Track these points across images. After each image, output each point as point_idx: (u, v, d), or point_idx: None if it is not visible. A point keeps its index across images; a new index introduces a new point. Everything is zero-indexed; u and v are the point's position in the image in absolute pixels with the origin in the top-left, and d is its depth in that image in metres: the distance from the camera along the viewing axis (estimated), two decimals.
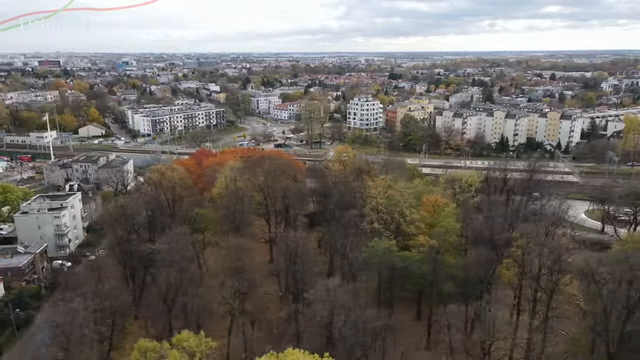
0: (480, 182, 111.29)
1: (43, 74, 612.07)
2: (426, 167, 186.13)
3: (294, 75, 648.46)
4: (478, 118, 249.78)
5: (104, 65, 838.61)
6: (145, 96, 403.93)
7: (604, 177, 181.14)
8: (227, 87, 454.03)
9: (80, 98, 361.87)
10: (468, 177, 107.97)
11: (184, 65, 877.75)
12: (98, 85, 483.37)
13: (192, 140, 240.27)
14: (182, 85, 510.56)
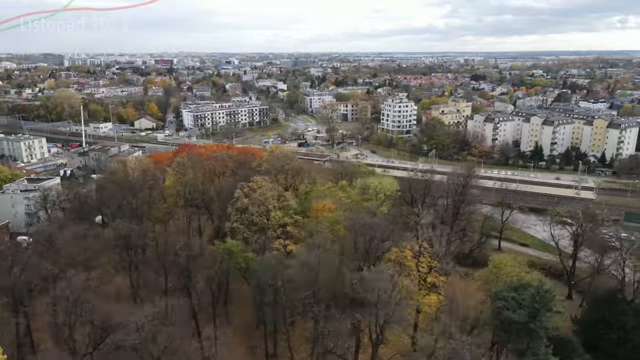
0: (397, 191, 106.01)
1: (148, 72, 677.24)
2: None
3: (373, 75, 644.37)
4: (514, 124, 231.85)
5: (209, 64, 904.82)
6: (218, 93, 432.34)
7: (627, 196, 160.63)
8: (293, 86, 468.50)
9: (157, 93, 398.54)
10: (385, 184, 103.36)
11: (280, 64, 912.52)
12: (185, 82, 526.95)
13: (223, 136, 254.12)
14: (258, 83, 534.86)
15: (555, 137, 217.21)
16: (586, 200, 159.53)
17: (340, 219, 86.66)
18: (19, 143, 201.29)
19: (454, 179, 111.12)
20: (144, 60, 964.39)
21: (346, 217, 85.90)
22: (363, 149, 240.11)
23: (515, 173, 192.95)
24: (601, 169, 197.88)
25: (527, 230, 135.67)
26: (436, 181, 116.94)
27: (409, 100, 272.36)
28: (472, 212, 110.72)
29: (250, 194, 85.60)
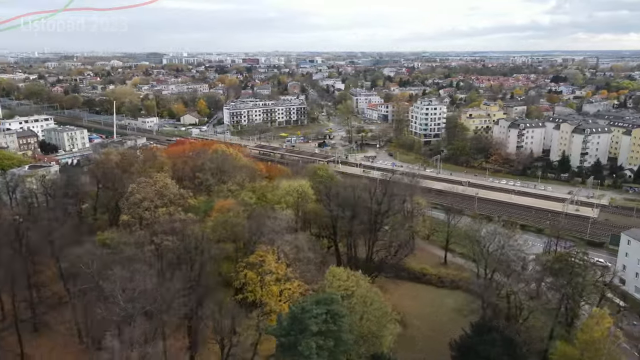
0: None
1: (227, 70, 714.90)
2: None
3: (447, 75, 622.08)
4: (543, 131, 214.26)
5: (293, 63, 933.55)
6: (279, 90, 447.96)
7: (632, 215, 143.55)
8: (351, 85, 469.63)
9: (217, 91, 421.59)
10: (296, 186, 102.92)
11: (361, 63, 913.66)
12: (254, 81, 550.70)
13: (250, 133, 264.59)
14: (323, 82, 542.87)
15: (586, 147, 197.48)
16: (583, 217, 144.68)
17: (231, 218, 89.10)
18: (62, 134, 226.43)
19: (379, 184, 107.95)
20: (233, 60, 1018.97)
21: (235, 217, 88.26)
22: (383, 152, 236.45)
23: (517, 183, 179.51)
24: (630, 185, 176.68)
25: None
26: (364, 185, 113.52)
27: (440, 103, 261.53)
28: (397, 220, 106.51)
29: (144, 189, 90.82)
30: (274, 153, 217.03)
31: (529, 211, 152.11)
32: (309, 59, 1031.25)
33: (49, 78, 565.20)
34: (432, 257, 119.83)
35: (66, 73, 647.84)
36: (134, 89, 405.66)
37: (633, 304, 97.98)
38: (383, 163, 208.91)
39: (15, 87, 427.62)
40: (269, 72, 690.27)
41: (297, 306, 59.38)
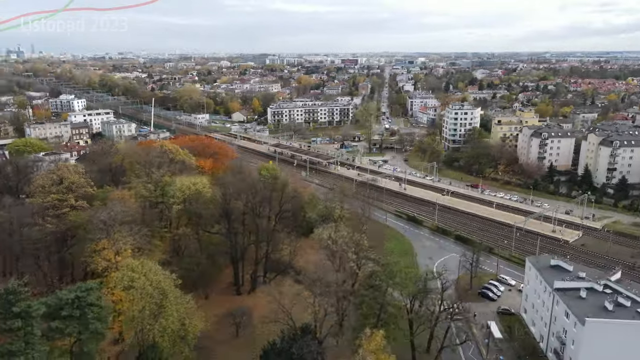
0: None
1: (314, 71, 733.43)
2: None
3: (543, 78, 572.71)
4: (571, 142, 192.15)
5: (393, 64, 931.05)
6: (349, 90, 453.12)
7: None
8: (422, 88, 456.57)
9: (285, 91, 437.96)
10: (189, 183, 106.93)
11: (461, 65, 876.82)
12: (330, 81, 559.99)
13: (284, 132, 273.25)
14: (399, 84, 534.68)
15: (614, 162, 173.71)
16: (554, 239, 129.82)
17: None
18: (112, 126, 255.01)
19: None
20: (333, 60, 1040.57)
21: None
22: (401, 156, 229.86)
23: (513, 197, 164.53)
24: None
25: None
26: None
27: (473, 107, 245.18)
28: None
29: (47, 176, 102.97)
30: (285, 152, 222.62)
31: (489, 225, 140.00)
32: (409, 60, 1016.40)
33: (154, 77, 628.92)
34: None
35: (173, 72, 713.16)
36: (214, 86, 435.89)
37: (526, 339, 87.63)
38: (388, 168, 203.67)
39: (116, 84, 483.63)
40: (359, 73, 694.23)
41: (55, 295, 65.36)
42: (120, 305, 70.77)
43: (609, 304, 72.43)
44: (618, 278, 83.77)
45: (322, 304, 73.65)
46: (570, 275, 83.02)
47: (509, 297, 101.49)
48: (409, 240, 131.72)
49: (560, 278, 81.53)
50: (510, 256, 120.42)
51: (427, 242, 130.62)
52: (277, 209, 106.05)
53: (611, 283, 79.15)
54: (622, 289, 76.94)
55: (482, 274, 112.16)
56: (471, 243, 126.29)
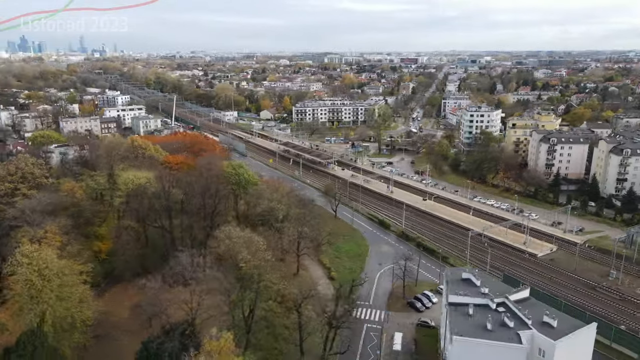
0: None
1: (369, 70, 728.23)
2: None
3: (609, 79, 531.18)
4: (584, 149, 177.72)
5: (457, 63, 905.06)
6: (391, 90, 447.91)
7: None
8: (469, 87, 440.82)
9: (322, 90, 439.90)
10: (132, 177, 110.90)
11: (529, 64, 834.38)
12: (375, 80, 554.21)
13: (304, 131, 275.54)
14: (448, 85, 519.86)
15: (625, 172, 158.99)
16: (519, 250, 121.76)
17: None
18: (139, 121, 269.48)
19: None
20: (391, 59, 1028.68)
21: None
22: (409, 159, 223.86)
23: (504, 205, 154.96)
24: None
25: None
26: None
27: (490, 110, 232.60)
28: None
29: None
30: (291, 151, 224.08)
31: (457, 232, 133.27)
32: (472, 60, 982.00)
33: (209, 74, 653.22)
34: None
35: (230, 71, 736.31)
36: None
37: (429, 353, 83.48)
38: (387, 170, 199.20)
39: (167, 82, 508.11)
40: (413, 72, 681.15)
41: None
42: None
43: (489, 323, 67.50)
44: (526, 296, 77.16)
45: (199, 301, 74.57)
46: (473, 290, 77.89)
47: (437, 310, 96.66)
48: (367, 244, 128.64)
49: (461, 292, 76.82)
50: (463, 266, 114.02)
51: (385, 247, 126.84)
52: (212, 206, 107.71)
53: (508, 301, 73.39)
54: (516, 308, 71.24)
55: (425, 283, 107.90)
56: (430, 251, 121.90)
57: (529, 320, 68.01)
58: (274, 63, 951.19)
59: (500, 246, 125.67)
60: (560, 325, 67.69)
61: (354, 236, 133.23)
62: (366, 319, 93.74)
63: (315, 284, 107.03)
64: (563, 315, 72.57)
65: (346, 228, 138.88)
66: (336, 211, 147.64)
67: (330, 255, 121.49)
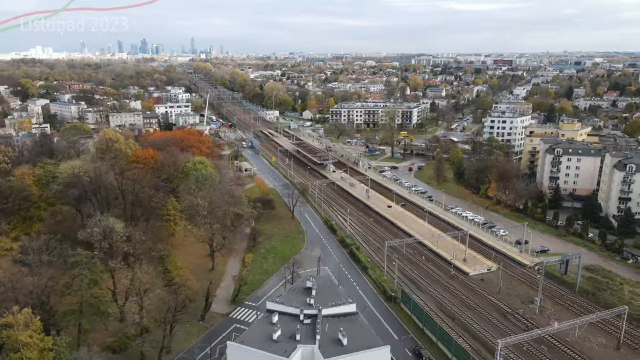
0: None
1: (453, 72, 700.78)
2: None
3: None
4: (594, 162, 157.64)
5: (560, 65, 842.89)
6: (455, 92, 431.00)
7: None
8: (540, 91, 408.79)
9: (382, 91, 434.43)
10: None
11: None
12: (445, 82, 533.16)
13: (332, 132, 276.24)
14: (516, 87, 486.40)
15: (629, 190, 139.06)
16: (452, 270, 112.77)
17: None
18: (179, 117, 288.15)
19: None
20: (484, 61, 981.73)
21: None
22: (418, 164, 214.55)
23: (478, 217, 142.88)
24: (634, 253, 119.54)
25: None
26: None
27: (514, 116, 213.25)
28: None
29: None
30: (299, 151, 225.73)
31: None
32: (577, 61, 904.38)
33: (286, 74, 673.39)
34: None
35: (309, 72, 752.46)
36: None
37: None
38: (388, 175, 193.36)
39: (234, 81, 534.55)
40: (496, 74, 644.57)
41: None
42: None
43: (275, 333, 65.02)
44: (352, 311, 72.28)
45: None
46: (301, 299, 74.85)
47: None
48: (303, 247, 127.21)
49: (278, 300, 74.66)
50: (379, 277, 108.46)
51: (316, 252, 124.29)
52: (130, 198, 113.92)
53: (320, 314, 69.67)
54: (321, 322, 67.62)
55: None
56: (357, 260, 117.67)
57: (318, 335, 64.43)
58: (359, 64, 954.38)
59: (435, 259, 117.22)
60: (351, 344, 63.39)
61: (295, 238, 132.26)
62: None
63: (220, 280, 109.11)
64: (373, 337, 67.31)
65: (295, 229, 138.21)
66: (293, 212, 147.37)
67: (260, 254, 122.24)
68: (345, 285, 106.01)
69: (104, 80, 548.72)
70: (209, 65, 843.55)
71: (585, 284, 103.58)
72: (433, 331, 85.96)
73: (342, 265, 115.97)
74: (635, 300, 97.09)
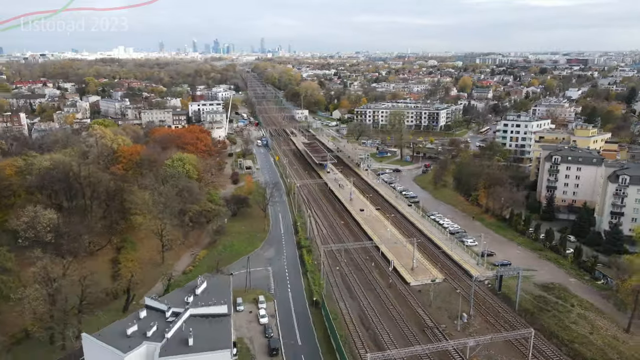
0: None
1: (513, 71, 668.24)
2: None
3: None
4: (596, 172, 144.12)
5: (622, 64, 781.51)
6: (501, 96, 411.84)
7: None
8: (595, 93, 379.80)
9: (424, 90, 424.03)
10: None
11: None
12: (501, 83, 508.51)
13: (352, 133, 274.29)
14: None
15: (622, 203, 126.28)
16: (391, 279, 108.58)
17: None
18: (207, 115, 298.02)
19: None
20: (555, 60, 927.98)
21: None
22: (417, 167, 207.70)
23: (455, 225, 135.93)
24: (605, 274, 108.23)
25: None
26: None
27: (530, 119, 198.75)
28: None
29: None
30: (305, 150, 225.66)
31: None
32: None
33: (338, 74, 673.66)
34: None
35: (363, 71, 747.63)
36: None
37: None
38: (383, 177, 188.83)
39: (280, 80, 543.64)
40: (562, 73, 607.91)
41: None
42: None
43: (130, 329, 66.13)
44: (223, 312, 71.97)
45: None
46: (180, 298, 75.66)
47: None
48: (259, 246, 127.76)
49: (155, 296, 77.01)
50: (315, 281, 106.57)
51: (269, 252, 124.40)
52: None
53: (185, 313, 70.14)
54: (179, 321, 68.23)
55: (259, 290, 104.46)
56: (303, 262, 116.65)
57: (168, 334, 65.01)
58: (420, 64, 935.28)
59: (384, 267, 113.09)
60: (198, 345, 63.66)
61: (255, 238, 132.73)
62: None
63: (157, 275, 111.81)
64: (225, 340, 66.55)
65: (260, 228, 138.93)
66: (265, 210, 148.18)
67: (217, 251, 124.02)
68: (279, 287, 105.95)
69: (161, 78, 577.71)
70: (267, 64, 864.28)
71: (528, 303, 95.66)
72: (335, 339, 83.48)
73: (288, 267, 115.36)
74: (575, 325, 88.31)
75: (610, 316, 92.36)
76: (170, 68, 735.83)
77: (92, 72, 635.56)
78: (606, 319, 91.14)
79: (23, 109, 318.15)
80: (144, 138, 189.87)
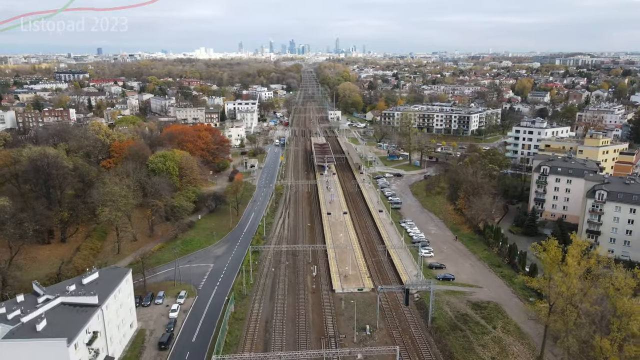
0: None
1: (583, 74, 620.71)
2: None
3: None
4: (583, 183, 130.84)
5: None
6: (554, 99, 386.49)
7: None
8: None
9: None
10: None
11: None
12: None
13: (377, 135, 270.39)
14: None
15: (598, 221, 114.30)
16: (316, 285, 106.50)
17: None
18: (238, 114, 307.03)
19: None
20: (616, 61, 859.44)
21: None
22: (430, 173, 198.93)
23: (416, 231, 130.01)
24: None
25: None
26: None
27: (546, 126, 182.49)
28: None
29: None
30: (312, 151, 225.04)
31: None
32: None
33: (396, 74, 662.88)
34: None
35: (424, 72, 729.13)
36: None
37: None
38: (381, 181, 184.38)
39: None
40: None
41: None
42: None
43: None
44: (94, 303, 74.86)
45: None
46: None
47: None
48: (214, 243, 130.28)
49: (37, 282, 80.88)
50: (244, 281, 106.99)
51: (220, 250, 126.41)
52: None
53: (54, 301, 74.00)
54: (41, 308, 72.11)
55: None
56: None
57: (25, 318, 68.82)
58: (492, 65, 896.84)
59: (323, 271, 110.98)
60: (45, 331, 67.20)
61: (217, 235, 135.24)
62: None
63: (114, 263, 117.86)
64: (75, 329, 69.24)
65: (226, 227, 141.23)
66: (237, 208, 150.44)
67: (174, 245, 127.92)
68: (209, 284, 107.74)
69: (221, 78, 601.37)
70: (332, 64, 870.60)
71: (445, 321, 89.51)
72: (220, 338, 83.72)
73: (229, 265, 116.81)
74: (482, 348, 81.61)
75: (532, 342, 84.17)
76: (237, 68, 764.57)
77: (164, 72, 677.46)
78: (524, 345, 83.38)
79: (81, 105, 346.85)
80: (156, 134, 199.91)
